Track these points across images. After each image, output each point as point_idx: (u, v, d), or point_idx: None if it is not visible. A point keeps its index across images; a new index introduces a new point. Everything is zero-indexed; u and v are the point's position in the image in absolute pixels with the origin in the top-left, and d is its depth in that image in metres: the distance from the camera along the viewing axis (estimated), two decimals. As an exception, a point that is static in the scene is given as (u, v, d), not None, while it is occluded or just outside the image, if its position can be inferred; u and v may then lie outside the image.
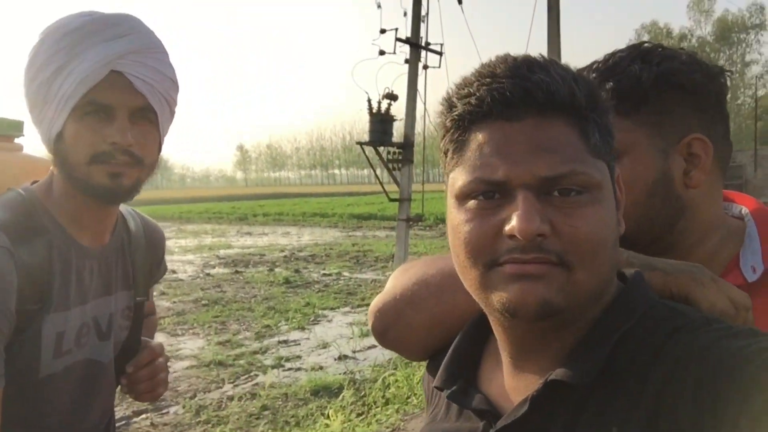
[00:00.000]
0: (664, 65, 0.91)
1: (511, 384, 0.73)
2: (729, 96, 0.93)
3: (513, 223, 0.62)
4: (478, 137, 0.66)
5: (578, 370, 0.64)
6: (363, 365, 6.08)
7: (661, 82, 0.90)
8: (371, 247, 16.41)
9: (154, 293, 1.51)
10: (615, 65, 0.93)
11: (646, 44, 0.95)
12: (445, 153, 0.71)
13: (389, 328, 0.91)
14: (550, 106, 0.64)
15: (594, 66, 0.96)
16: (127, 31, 1.11)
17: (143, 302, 1.32)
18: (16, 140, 1.81)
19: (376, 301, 0.94)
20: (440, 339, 0.85)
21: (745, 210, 0.99)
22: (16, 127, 1.79)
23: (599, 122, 0.67)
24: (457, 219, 0.68)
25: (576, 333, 0.68)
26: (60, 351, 1.14)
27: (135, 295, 1.29)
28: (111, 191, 1.12)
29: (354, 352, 6.59)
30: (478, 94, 0.65)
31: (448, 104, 0.70)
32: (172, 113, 1.21)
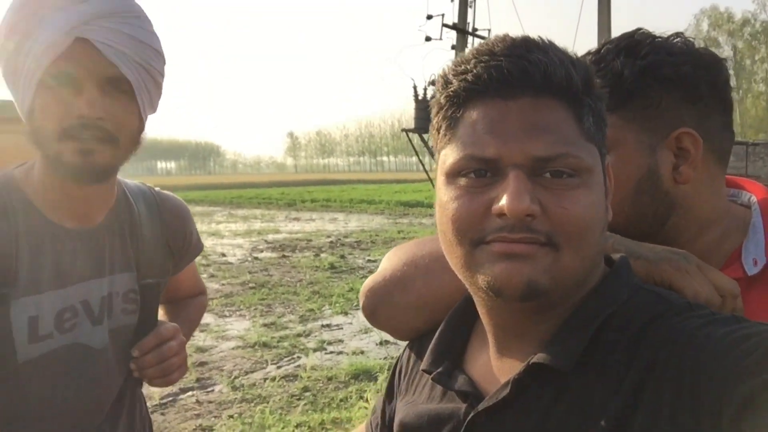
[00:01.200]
0: (650, 58, 0.88)
1: (496, 366, 0.74)
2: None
3: (503, 202, 0.62)
4: (473, 114, 0.66)
5: (559, 354, 0.64)
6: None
7: (645, 75, 0.88)
8: (417, 234, 16.39)
9: (204, 275, 1.50)
10: (600, 59, 0.91)
11: (637, 35, 0.92)
12: (438, 130, 0.71)
13: (378, 309, 0.91)
14: (546, 86, 0.64)
15: (585, 58, 0.94)
16: None
17: (154, 284, 1.24)
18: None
19: (368, 282, 0.94)
20: (428, 320, 0.86)
21: (753, 198, 0.96)
22: None
23: (594, 107, 0.67)
24: (447, 196, 0.67)
25: (560, 317, 0.69)
26: (36, 335, 1.07)
27: (140, 277, 1.21)
28: (82, 170, 1.03)
29: (395, 337, 6.61)
30: (475, 71, 0.65)
31: (444, 81, 0.69)
32: (157, 84, 1.10)
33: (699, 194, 0.91)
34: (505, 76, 0.63)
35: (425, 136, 9.94)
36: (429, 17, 9.69)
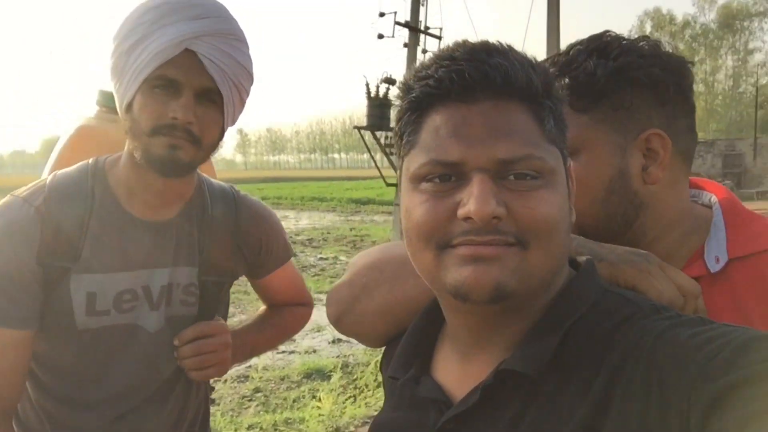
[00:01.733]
0: (621, 59, 0.89)
1: (464, 372, 0.72)
2: (701, 86, 0.91)
3: (468, 206, 0.61)
4: (435, 119, 0.65)
5: (528, 359, 0.64)
6: (356, 349, 6.10)
7: (617, 77, 0.88)
8: (368, 231, 16.40)
9: None
10: (572, 60, 0.91)
11: (605, 37, 0.93)
12: (401, 136, 0.70)
13: (344, 315, 0.90)
14: (507, 90, 0.64)
15: (554, 59, 0.94)
16: (206, 13, 1.13)
17: (216, 282, 1.31)
18: None
19: (333, 288, 0.93)
20: (394, 326, 0.85)
21: (714, 198, 0.98)
22: None
23: (554, 110, 0.68)
24: (411, 201, 0.67)
25: (528, 320, 0.68)
26: (93, 310, 1.20)
27: (201, 273, 1.28)
28: (167, 162, 1.13)
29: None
30: (436, 76, 0.65)
31: (406, 87, 0.69)
32: (242, 101, 1.22)
33: (665, 194, 0.92)
34: (466, 80, 0.63)
35: (378, 133, 9.94)
36: (381, 15, 9.72)
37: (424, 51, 9.92)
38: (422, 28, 9.77)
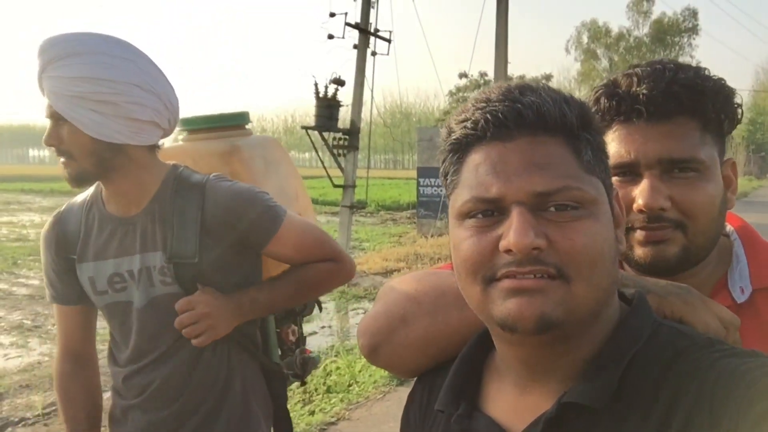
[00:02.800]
0: (719, 83, 0.93)
1: (519, 405, 0.73)
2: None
3: (508, 238, 0.64)
4: (475, 159, 0.69)
5: (593, 391, 0.65)
6: (303, 352, 6.03)
7: (724, 104, 0.93)
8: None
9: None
10: (657, 76, 0.93)
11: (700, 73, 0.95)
12: (445, 175, 0.74)
13: (381, 347, 0.90)
14: (542, 126, 0.67)
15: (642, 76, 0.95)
16: (40, 51, 1.38)
17: (186, 264, 1.49)
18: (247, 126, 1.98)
19: (367, 320, 0.93)
20: (434, 357, 0.85)
21: (730, 228, 1.01)
22: (241, 117, 1.95)
23: (592, 141, 0.69)
24: (458, 237, 0.70)
25: (583, 352, 0.70)
26: (95, 290, 1.55)
27: (170, 256, 1.48)
28: (67, 180, 1.45)
29: (295, 338, 6.51)
30: (473, 118, 0.69)
31: (448, 130, 0.73)
32: (104, 102, 1.38)
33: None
34: (500, 120, 0.67)
35: (325, 134, 9.86)
36: (332, 15, 9.66)
37: (374, 53, 9.95)
38: (372, 30, 9.78)
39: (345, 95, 9.62)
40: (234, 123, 1.91)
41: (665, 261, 0.90)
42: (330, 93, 9.47)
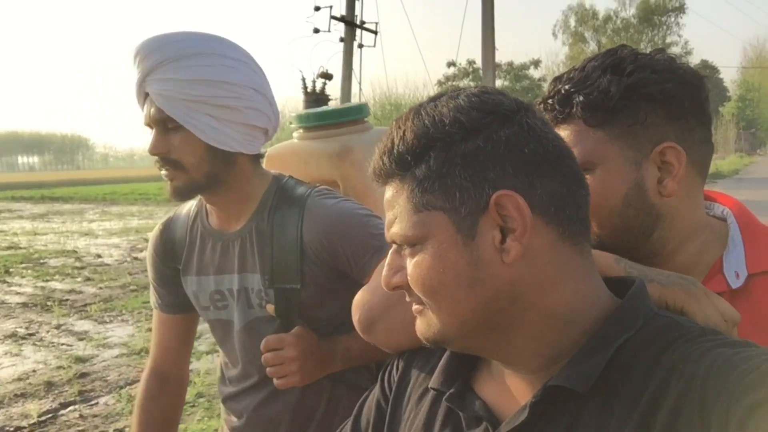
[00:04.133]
0: (636, 76, 0.90)
1: (507, 389, 0.75)
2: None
3: None
4: None
5: (577, 376, 0.66)
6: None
7: (631, 93, 0.90)
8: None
9: (79, 279, 1.57)
10: (586, 77, 0.93)
11: (621, 52, 0.94)
12: None
13: (376, 322, 0.93)
14: (380, 175, 0.75)
15: (570, 75, 0.95)
16: (145, 53, 1.26)
17: (286, 289, 1.36)
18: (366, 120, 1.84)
19: (362, 295, 0.97)
20: None
21: (727, 210, 1.00)
22: (359, 110, 1.80)
23: (425, 173, 0.70)
24: None
25: (570, 338, 0.70)
26: (200, 305, 1.48)
27: (268, 280, 1.37)
28: (170, 193, 1.34)
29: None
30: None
31: None
32: (223, 107, 1.29)
33: (681, 206, 0.93)
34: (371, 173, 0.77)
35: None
36: (317, 9, 9.57)
37: (360, 45, 9.88)
38: (358, 22, 9.71)
39: (333, 89, 9.58)
40: (351, 118, 1.74)
41: None
42: (318, 87, 9.39)
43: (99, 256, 12.14)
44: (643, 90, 0.90)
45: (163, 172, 1.31)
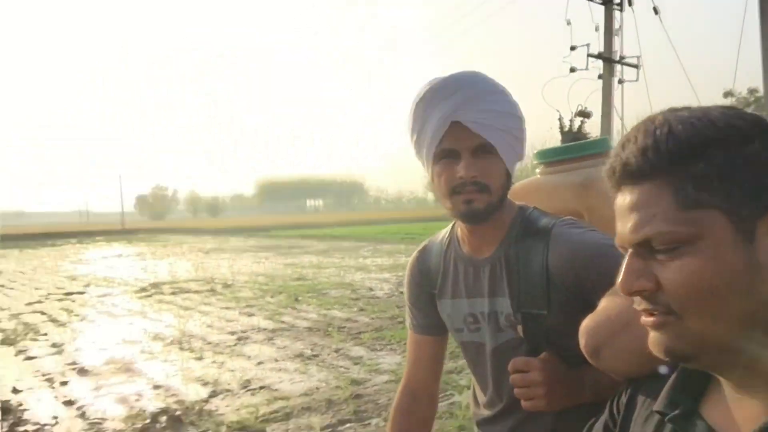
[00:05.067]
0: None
1: (738, 413, 0.71)
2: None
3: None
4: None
5: None
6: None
7: None
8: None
9: (354, 309, 1.74)
10: None
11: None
12: None
13: (602, 348, 0.93)
14: (631, 174, 0.71)
15: None
16: (456, 87, 1.38)
17: (533, 315, 1.42)
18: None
19: (588, 321, 0.97)
20: (656, 364, 0.85)
21: None
22: (601, 144, 1.84)
23: (697, 173, 0.67)
24: None
25: None
26: (453, 327, 1.57)
27: (516, 305, 1.43)
28: (468, 214, 1.40)
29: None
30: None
31: None
32: (518, 139, 1.43)
33: None
34: (610, 173, 0.75)
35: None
36: (573, 48, 9.51)
37: (621, 81, 9.53)
38: (617, 58, 9.41)
39: (592, 127, 9.35)
40: (593, 151, 1.75)
41: None
42: (575, 126, 9.28)
43: (371, 289, 13.21)
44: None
45: (464, 196, 1.38)
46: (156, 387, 6.48)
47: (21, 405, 6.02)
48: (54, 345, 8.75)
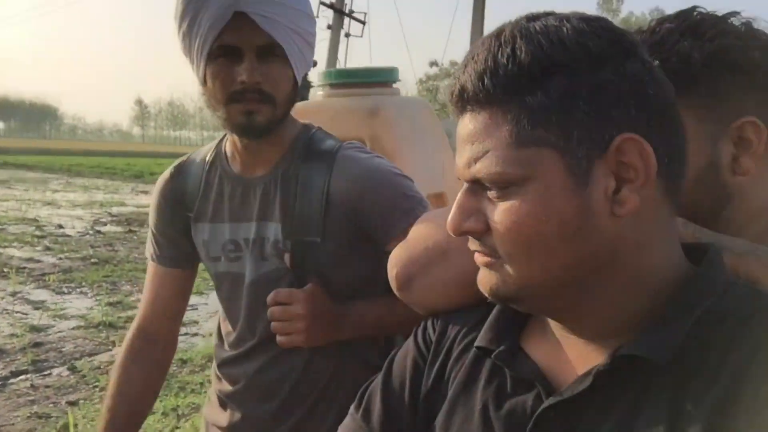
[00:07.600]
0: (718, 42, 0.80)
1: (564, 354, 0.68)
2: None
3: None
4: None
5: (656, 345, 0.59)
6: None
7: (713, 61, 0.80)
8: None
9: (39, 248, 1.42)
10: (662, 40, 0.82)
11: (697, 14, 0.84)
12: None
13: (415, 278, 0.86)
14: (468, 100, 0.63)
15: (640, 38, 0.84)
16: None
17: (305, 242, 1.28)
18: (394, 86, 1.76)
19: (399, 251, 0.89)
20: (472, 298, 0.78)
21: None
22: (389, 74, 1.72)
23: (539, 101, 0.59)
24: None
25: (648, 304, 0.63)
26: (209, 256, 1.37)
27: (287, 231, 1.28)
28: (246, 128, 1.22)
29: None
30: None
31: None
32: (309, 44, 1.24)
33: (755, 185, 0.85)
34: (451, 97, 0.66)
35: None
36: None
37: (347, 35, 9.80)
38: (347, 11, 9.63)
39: (316, 76, 9.51)
40: (380, 80, 1.70)
41: None
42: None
43: (60, 226, 11.87)
44: (726, 58, 0.80)
45: (243, 105, 1.18)
46: None
47: None
48: None
